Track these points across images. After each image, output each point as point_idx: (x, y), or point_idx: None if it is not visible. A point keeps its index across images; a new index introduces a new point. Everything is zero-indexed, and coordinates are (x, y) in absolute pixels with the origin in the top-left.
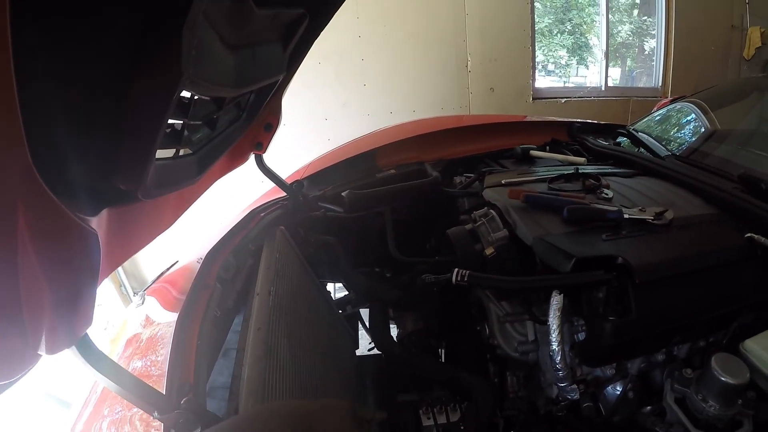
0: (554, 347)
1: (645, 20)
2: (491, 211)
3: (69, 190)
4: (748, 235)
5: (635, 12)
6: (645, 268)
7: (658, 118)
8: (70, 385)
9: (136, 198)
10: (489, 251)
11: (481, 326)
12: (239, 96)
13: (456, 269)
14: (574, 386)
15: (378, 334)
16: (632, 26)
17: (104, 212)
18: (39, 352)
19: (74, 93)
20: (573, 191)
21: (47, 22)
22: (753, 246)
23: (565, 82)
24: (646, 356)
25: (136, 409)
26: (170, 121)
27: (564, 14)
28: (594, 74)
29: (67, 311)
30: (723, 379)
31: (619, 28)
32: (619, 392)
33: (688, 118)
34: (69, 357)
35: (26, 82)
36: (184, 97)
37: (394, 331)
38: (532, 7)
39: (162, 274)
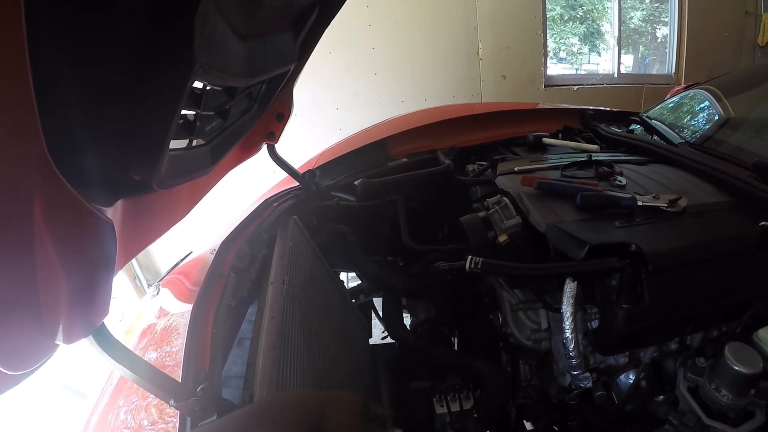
0: (568, 335)
1: (658, 6)
2: (504, 198)
3: (84, 181)
4: (762, 223)
5: None
6: (658, 255)
7: (672, 105)
8: (86, 377)
9: (151, 188)
10: (502, 238)
11: (493, 315)
12: (251, 86)
13: (469, 256)
14: (587, 374)
15: (391, 322)
16: (645, 13)
17: (119, 203)
18: (56, 342)
19: (88, 83)
20: (586, 178)
21: (61, 11)
22: (767, 235)
23: (577, 70)
24: (658, 345)
25: (151, 398)
26: (183, 111)
27: (575, 1)
28: (606, 61)
29: (83, 301)
30: (736, 368)
31: (632, 15)
32: (631, 381)
33: (702, 105)
34: (86, 347)
35: (41, 72)
36: (196, 87)
37: (407, 320)
38: None
39: (176, 265)
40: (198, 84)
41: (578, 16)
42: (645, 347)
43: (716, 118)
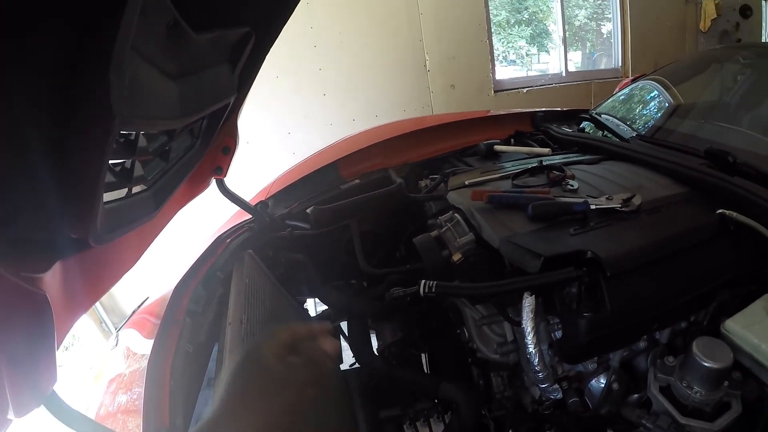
0: (531, 350)
1: (601, 3)
2: (456, 215)
3: (12, 249)
4: (720, 211)
5: None
6: (615, 259)
7: (622, 98)
8: None
9: (89, 245)
10: (456, 257)
11: (459, 330)
12: (190, 124)
13: (423, 281)
14: (556, 386)
15: (357, 347)
16: (589, 11)
17: (57, 264)
18: (9, 417)
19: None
20: (538, 186)
21: None
22: (725, 222)
23: (527, 71)
24: (626, 346)
25: None
26: (116, 161)
27: (520, 3)
28: (555, 60)
29: (26, 373)
30: (706, 364)
31: (576, 13)
32: (603, 385)
33: (650, 96)
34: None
35: None
36: (128, 133)
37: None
38: (486, 1)
39: (133, 312)
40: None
41: (524, 18)
42: (612, 351)
43: (665, 107)
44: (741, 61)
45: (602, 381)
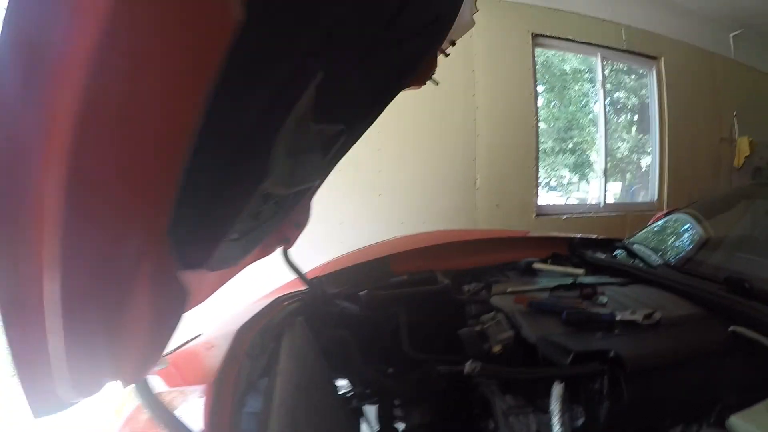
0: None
1: (641, 138)
2: (498, 314)
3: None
4: (732, 328)
5: (633, 129)
6: (634, 359)
7: (655, 229)
8: None
9: (199, 267)
10: (496, 349)
11: (485, 422)
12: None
13: (470, 360)
14: None
15: (384, 427)
16: (629, 144)
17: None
18: (125, 381)
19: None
20: (572, 298)
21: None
22: (737, 338)
23: (567, 198)
24: None
25: None
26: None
27: (566, 133)
28: (595, 189)
29: (146, 348)
30: None
31: (619, 145)
32: None
33: (682, 228)
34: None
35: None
36: None
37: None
38: (537, 129)
39: (184, 343)
40: None
41: (568, 148)
42: None
43: (695, 239)
44: None
45: None
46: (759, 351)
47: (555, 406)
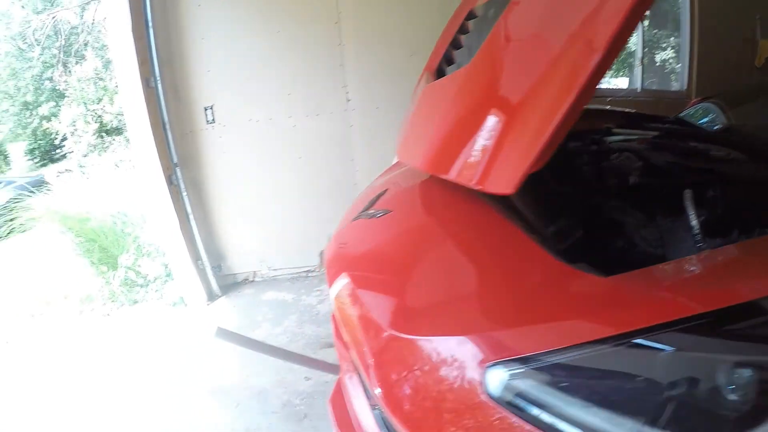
0: None
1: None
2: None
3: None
4: None
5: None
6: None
7: (691, 113)
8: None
9: None
10: None
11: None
12: None
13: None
14: None
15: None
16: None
17: None
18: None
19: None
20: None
21: None
22: None
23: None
24: None
25: None
26: None
27: None
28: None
29: None
30: None
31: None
32: None
33: (709, 116)
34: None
35: None
36: None
37: None
38: None
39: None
40: None
41: None
42: None
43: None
44: None
45: None
46: None
47: (689, 207)
